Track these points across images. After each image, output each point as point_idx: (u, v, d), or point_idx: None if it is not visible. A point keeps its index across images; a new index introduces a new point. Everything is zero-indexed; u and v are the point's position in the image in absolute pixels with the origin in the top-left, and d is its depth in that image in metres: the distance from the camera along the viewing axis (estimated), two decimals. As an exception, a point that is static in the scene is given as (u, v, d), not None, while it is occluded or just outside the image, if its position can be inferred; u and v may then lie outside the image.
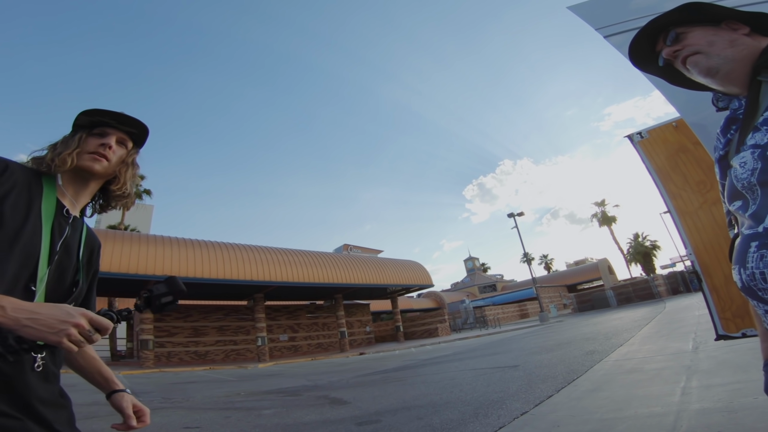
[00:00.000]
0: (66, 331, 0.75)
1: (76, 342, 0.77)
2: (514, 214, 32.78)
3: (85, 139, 1.05)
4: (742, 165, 0.78)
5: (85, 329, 0.77)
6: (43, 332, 0.74)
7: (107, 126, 1.08)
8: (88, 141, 1.05)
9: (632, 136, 3.34)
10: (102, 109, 1.08)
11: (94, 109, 1.07)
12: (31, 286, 0.88)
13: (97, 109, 1.07)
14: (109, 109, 1.09)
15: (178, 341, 21.92)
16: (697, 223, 2.93)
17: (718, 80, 0.88)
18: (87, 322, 0.78)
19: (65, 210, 1.01)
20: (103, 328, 0.81)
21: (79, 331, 0.76)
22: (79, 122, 1.07)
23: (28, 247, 0.88)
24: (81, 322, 0.77)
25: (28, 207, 0.91)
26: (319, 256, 25.30)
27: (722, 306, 2.82)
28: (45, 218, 0.94)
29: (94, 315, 0.80)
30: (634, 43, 1.01)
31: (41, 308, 0.76)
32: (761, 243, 0.74)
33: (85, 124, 1.07)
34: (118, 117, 1.09)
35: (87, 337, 0.78)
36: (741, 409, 2.76)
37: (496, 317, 35.75)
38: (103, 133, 1.07)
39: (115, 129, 1.10)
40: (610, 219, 54.09)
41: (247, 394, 7.89)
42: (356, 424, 4.25)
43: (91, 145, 1.04)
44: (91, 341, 0.80)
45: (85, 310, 0.79)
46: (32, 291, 0.88)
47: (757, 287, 0.75)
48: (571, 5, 2.12)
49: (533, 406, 4.06)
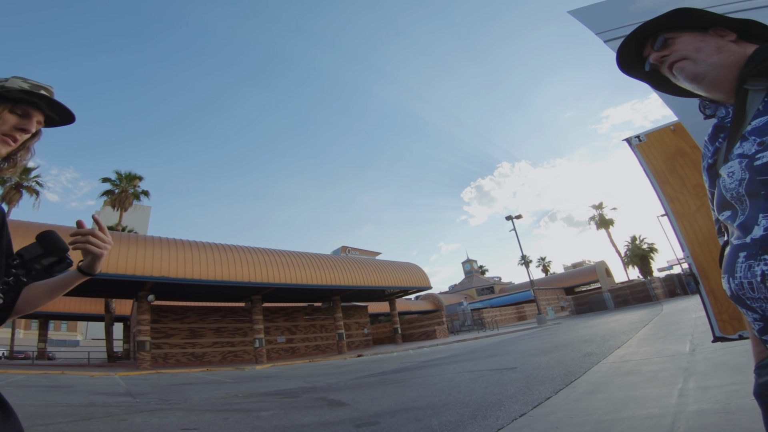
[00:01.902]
0: None
1: None
2: (512, 216, 32.83)
3: (4, 115, 0.90)
4: (730, 175, 0.78)
5: None
6: None
7: (34, 107, 0.93)
8: (5, 118, 0.90)
9: (630, 139, 3.36)
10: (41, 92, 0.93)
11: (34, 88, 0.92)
12: None
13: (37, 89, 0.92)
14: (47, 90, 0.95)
15: (175, 343, 21.83)
16: (694, 226, 2.96)
17: (704, 87, 0.88)
18: None
19: None
20: None
21: None
22: (9, 94, 0.90)
23: None
24: None
25: None
26: (317, 258, 25.27)
27: (719, 308, 2.84)
28: None
29: None
30: (622, 47, 1.00)
31: None
32: (749, 254, 0.74)
33: (13, 97, 0.90)
34: (53, 104, 0.95)
35: None
36: (738, 410, 2.77)
37: (494, 319, 35.77)
38: (27, 114, 0.93)
39: (40, 112, 0.95)
40: (608, 222, 54.28)
41: (244, 395, 7.86)
42: (355, 425, 4.25)
43: (7, 125, 0.90)
44: None
45: None
46: None
47: (746, 296, 0.77)
48: (571, 10, 2.14)
49: (531, 408, 4.06)
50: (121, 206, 27.64)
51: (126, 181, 27.86)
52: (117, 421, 5.37)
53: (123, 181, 27.78)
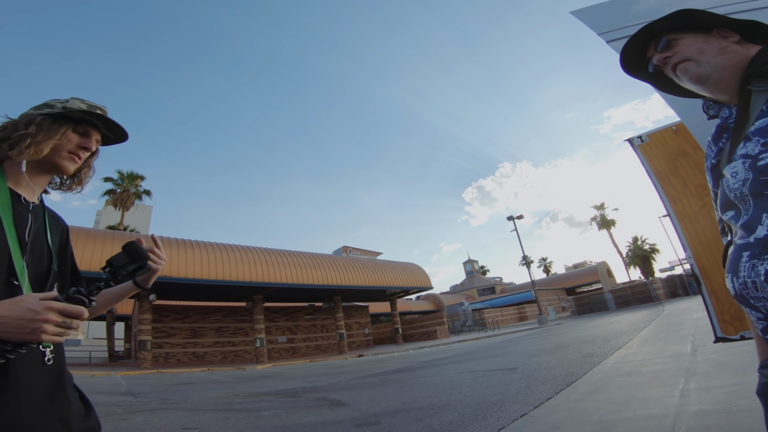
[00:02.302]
0: (40, 328, 0.73)
1: (55, 335, 0.75)
2: (513, 217, 32.81)
3: (68, 134, 0.97)
4: (733, 175, 0.78)
5: (58, 321, 0.75)
6: (18, 334, 0.73)
7: (93, 126, 1.02)
8: (70, 137, 0.98)
9: (632, 139, 3.36)
10: (97, 111, 1.02)
11: (91, 109, 1.01)
12: (13, 280, 0.85)
13: (94, 110, 1.01)
14: (102, 110, 1.03)
15: (176, 342, 21.85)
16: (696, 226, 2.95)
17: (708, 88, 0.88)
18: (56, 314, 0.75)
19: (22, 198, 0.94)
20: (76, 315, 0.78)
21: (54, 324, 0.74)
22: (70, 114, 0.98)
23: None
24: (50, 317, 0.74)
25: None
26: (318, 257, 25.27)
27: (721, 309, 2.83)
28: (2, 210, 0.88)
29: (62, 304, 0.76)
30: (626, 48, 1.01)
31: (4, 310, 0.73)
32: (753, 253, 0.75)
33: (74, 117, 0.99)
34: (109, 124, 1.04)
35: (65, 327, 0.77)
36: (739, 410, 2.77)
37: (495, 320, 35.73)
38: (87, 133, 1.01)
39: (98, 131, 1.04)
40: (609, 222, 54.19)
41: (245, 395, 7.87)
42: (355, 425, 4.25)
43: (72, 144, 0.98)
44: (70, 329, 0.78)
45: (51, 302, 0.75)
46: (15, 285, 0.85)
47: (749, 296, 0.77)
48: (574, 10, 2.14)
49: (532, 408, 4.06)
50: (122, 206, 27.70)
51: (128, 181, 27.92)
52: (118, 421, 5.38)
53: (125, 180, 27.83)
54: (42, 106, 0.98)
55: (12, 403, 0.78)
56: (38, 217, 0.98)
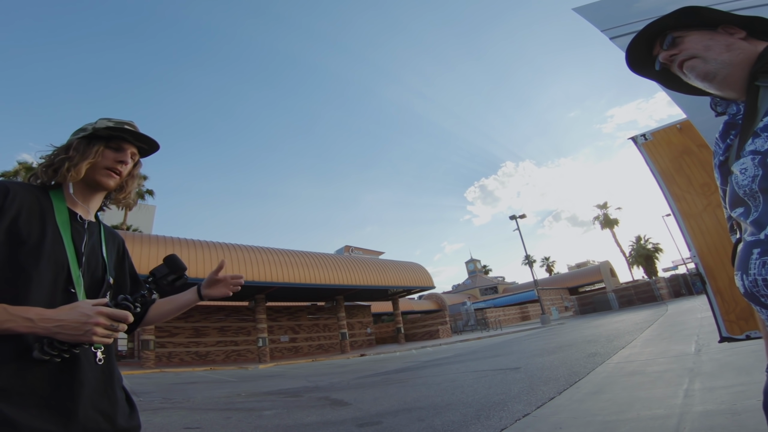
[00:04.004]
0: (91, 330, 0.83)
1: (104, 336, 0.85)
2: (516, 216, 32.73)
3: (102, 151, 1.07)
4: (742, 171, 0.78)
5: (107, 324, 0.85)
6: (73, 335, 0.82)
7: (124, 141, 1.11)
8: (104, 154, 1.07)
9: (636, 138, 3.33)
10: (125, 126, 1.10)
11: (118, 125, 1.09)
12: (70, 288, 0.96)
13: (121, 125, 1.09)
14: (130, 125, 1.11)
15: (179, 342, 21.92)
16: (701, 225, 2.93)
17: (715, 85, 0.88)
18: (105, 317, 0.85)
19: (78, 216, 1.06)
20: (122, 319, 0.88)
21: (103, 326, 0.84)
22: (99, 132, 1.08)
23: (55, 256, 0.95)
24: (100, 320, 0.84)
25: (42, 221, 0.96)
26: (321, 257, 25.31)
27: (726, 308, 2.81)
28: (62, 228, 0.99)
29: (111, 309, 0.86)
30: (631, 46, 1.01)
31: (63, 314, 0.83)
32: (763, 250, 0.74)
33: (104, 135, 1.08)
34: (136, 135, 1.12)
35: (113, 330, 0.87)
36: (744, 411, 2.75)
37: (498, 319, 35.68)
38: (120, 148, 1.10)
39: (130, 144, 1.13)
40: (612, 222, 53.99)
41: (247, 395, 7.88)
42: (357, 425, 4.25)
43: (108, 160, 1.07)
44: (117, 331, 0.88)
45: (102, 307, 0.85)
46: (72, 293, 0.96)
47: (760, 293, 0.76)
48: (576, 7, 2.12)
49: (535, 408, 4.05)
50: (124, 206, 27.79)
51: (130, 181, 28.01)
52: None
53: (127, 180, 27.93)
54: (78, 131, 1.10)
55: (69, 397, 0.88)
56: (94, 233, 1.09)
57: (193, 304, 1.26)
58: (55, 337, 0.82)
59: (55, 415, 0.85)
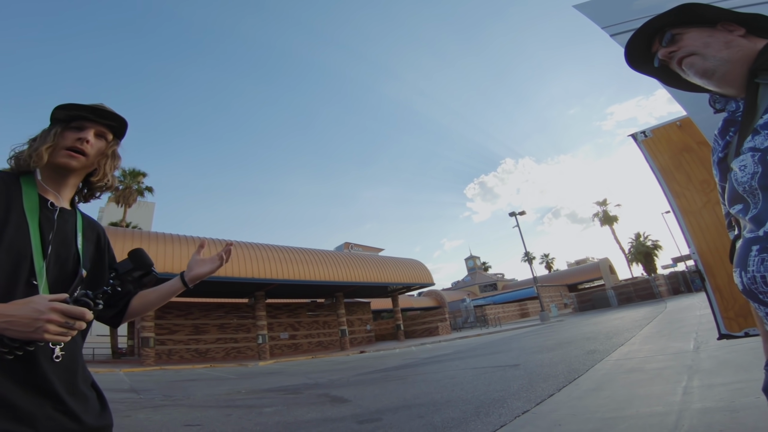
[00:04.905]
0: (43, 327, 0.76)
1: (57, 334, 0.78)
2: (515, 213, 32.74)
3: (61, 133, 1.03)
4: (742, 168, 0.77)
5: (61, 321, 0.78)
6: (23, 332, 0.77)
7: (85, 120, 1.07)
8: (64, 135, 1.03)
9: (636, 135, 3.32)
10: (78, 104, 1.06)
11: (70, 104, 1.05)
12: (32, 280, 0.90)
13: (74, 104, 1.06)
14: (87, 103, 1.07)
15: (179, 339, 21.96)
16: (700, 222, 2.92)
17: (715, 82, 0.88)
18: (60, 314, 0.78)
19: (50, 203, 1.00)
20: (79, 316, 0.81)
21: (56, 324, 0.77)
22: (56, 116, 1.05)
23: (17, 244, 0.89)
24: (53, 317, 0.77)
25: (6, 207, 0.91)
26: (320, 254, 25.31)
27: (725, 305, 2.81)
28: (29, 214, 0.94)
29: (67, 306, 0.79)
30: (630, 43, 1.00)
31: (13, 309, 0.77)
32: (762, 247, 0.74)
33: (62, 117, 1.05)
34: (96, 111, 1.08)
35: (68, 327, 0.79)
36: (742, 408, 2.76)
37: (497, 316, 35.76)
38: (81, 127, 1.06)
39: (94, 122, 1.08)
40: (612, 218, 54.00)
41: (247, 392, 7.90)
42: (357, 422, 4.26)
43: (68, 140, 1.03)
44: (74, 330, 0.81)
45: (57, 303, 0.79)
46: (34, 285, 0.89)
47: (758, 290, 0.76)
48: (576, 4, 2.11)
49: (534, 405, 4.06)
50: (125, 203, 27.75)
51: (130, 178, 27.94)
52: (121, 418, 5.40)
53: (127, 177, 27.85)
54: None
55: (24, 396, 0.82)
56: (68, 222, 1.03)
57: (179, 292, 1.22)
58: (4, 334, 0.76)
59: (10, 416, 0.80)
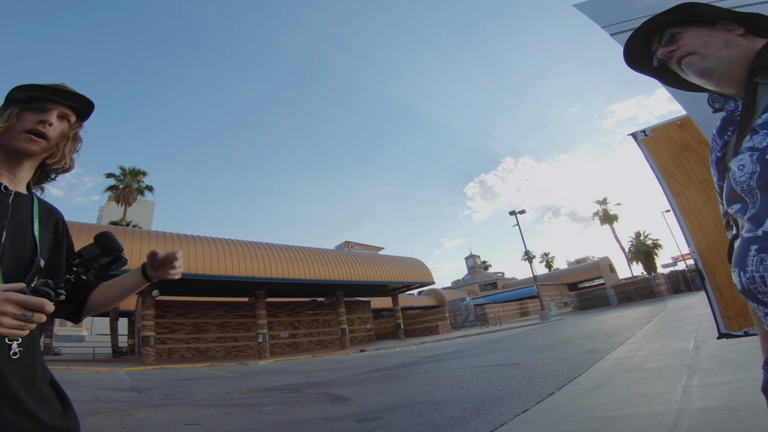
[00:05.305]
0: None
1: (13, 328, 0.70)
2: (515, 211, 32.71)
3: (18, 114, 0.95)
4: (740, 168, 0.77)
5: (17, 314, 0.70)
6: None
7: (48, 101, 0.99)
8: (23, 117, 0.96)
9: (636, 134, 3.32)
10: (40, 84, 0.99)
11: (32, 84, 0.98)
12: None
13: (35, 84, 0.98)
14: (50, 83, 1.00)
15: (179, 338, 21.98)
16: (700, 221, 2.93)
17: (714, 81, 0.87)
18: (15, 306, 0.70)
19: (3, 187, 0.93)
20: (37, 307, 0.72)
21: (12, 317, 0.70)
22: (14, 96, 0.97)
23: None
24: (6, 309, 0.69)
25: None
26: (320, 253, 25.31)
27: (725, 305, 2.81)
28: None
29: (23, 296, 0.71)
30: (629, 43, 1.00)
31: None
32: (761, 246, 0.74)
33: (22, 98, 0.97)
34: (60, 92, 1.00)
35: (25, 320, 0.71)
36: (742, 407, 2.76)
37: (497, 315, 35.80)
38: (43, 108, 0.98)
39: (57, 104, 1.01)
40: (612, 217, 54.02)
41: (248, 390, 7.91)
42: (357, 421, 4.26)
43: (28, 122, 0.95)
44: (32, 323, 0.73)
45: (12, 294, 0.71)
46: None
47: (757, 290, 0.76)
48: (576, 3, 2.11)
49: (534, 404, 4.06)
50: (125, 202, 27.78)
51: (130, 177, 27.97)
52: (121, 417, 5.41)
53: (127, 176, 27.88)
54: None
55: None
56: (23, 207, 0.96)
57: (141, 287, 1.10)
58: None
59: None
